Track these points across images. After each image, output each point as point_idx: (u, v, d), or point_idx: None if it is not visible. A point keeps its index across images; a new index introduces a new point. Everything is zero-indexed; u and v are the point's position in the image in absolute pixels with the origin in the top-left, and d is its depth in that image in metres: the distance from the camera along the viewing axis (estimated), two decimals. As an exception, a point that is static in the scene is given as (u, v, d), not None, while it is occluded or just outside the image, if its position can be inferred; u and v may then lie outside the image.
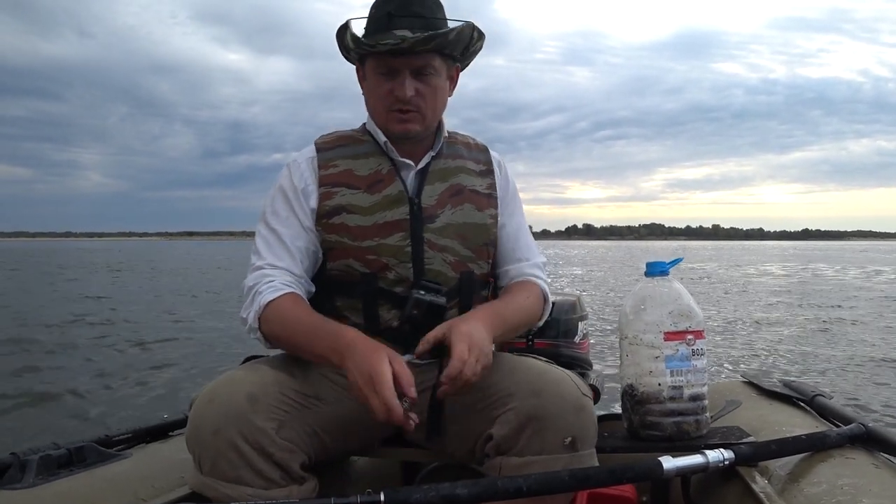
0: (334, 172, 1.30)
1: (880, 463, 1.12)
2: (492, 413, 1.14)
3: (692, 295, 1.36)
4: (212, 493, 1.06)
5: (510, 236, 1.38)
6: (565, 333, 1.73)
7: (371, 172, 1.29)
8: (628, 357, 1.36)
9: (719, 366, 5.95)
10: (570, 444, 1.09)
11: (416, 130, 1.28)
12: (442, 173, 1.33)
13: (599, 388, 1.57)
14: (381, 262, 1.25)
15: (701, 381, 1.33)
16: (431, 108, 1.28)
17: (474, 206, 1.32)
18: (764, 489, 1.08)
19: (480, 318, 1.17)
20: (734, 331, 8.47)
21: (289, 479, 1.09)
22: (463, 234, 1.30)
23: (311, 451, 1.15)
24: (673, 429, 1.30)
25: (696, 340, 1.32)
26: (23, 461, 1.14)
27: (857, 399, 4.74)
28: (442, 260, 1.27)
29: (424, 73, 1.25)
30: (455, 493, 0.93)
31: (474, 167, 1.37)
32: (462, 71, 1.38)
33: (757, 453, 1.12)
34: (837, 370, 6.03)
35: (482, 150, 1.42)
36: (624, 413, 1.38)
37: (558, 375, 1.16)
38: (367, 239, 1.25)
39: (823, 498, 1.00)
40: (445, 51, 1.25)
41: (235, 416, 1.05)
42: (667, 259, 1.38)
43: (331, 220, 1.27)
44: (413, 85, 1.24)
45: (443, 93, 1.30)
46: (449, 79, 1.32)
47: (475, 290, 1.32)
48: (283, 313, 1.20)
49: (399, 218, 1.26)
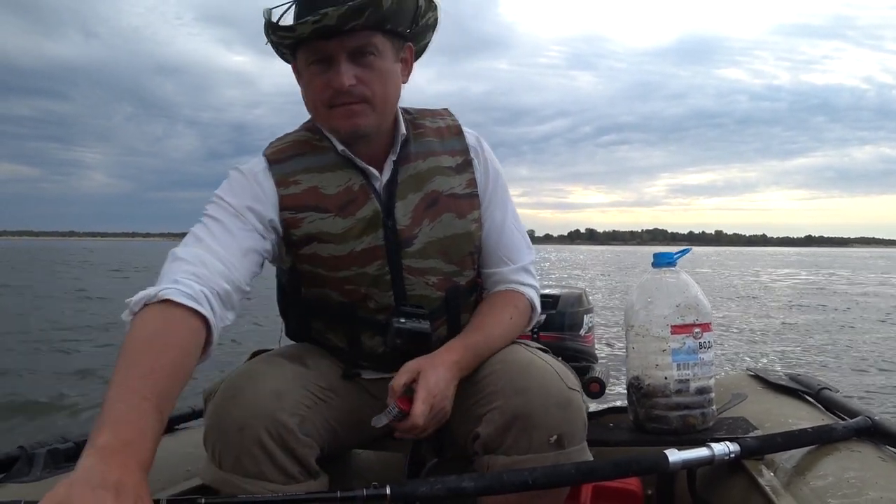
0: (297, 192, 1.13)
1: (886, 456, 1.12)
2: (477, 411, 1.10)
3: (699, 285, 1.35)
4: (231, 490, 1.04)
5: (492, 235, 1.23)
6: (571, 327, 1.73)
7: (340, 190, 1.14)
8: (634, 349, 1.35)
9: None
10: (556, 442, 1.04)
11: (368, 125, 1.10)
12: (414, 181, 1.16)
13: (604, 381, 1.57)
14: (360, 293, 1.17)
15: (707, 375, 1.32)
16: (381, 97, 1.09)
17: (454, 214, 1.17)
18: (770, 482, 1.08)
19: (451, 365, 1.09)
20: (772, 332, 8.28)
21: (307, 474, 1.08)
22: (445, 249, 1.17)
23: (326, 445, 1.14)
24: (679, 422, 1.30)
25: (704, 333, 1.31)
26: (30, 455, 1.15)
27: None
28: (424, 283, 1.17)
29: (364, 54, 1.06)
30: (461, 485, 0.93)
31: (450, 162, 1.19)
32: (419, 53, 1.20)
33: (763, 446, 1.12)
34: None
35: (456, 133, 1.23)
36: (630, 406, 1.38)
37: (543, 370, 1.09)
38: (343, 269, 1.15)
39: (829, 491, 1.00)
40: (387, 25, 1.06)
41: (262, 412, 1.03)
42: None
43: (301, 251, 1.15)
44: (352, 71, 1.06)
45: (392, 77, 1.11)
46: (401, 61, 1.14)
47: (463, 301, 1.23)
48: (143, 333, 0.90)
49: (375, 244, 1.14)
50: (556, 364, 1.13)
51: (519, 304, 1.23)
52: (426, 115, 1.24)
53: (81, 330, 7.94)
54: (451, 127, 1.24)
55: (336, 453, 1.22)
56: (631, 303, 1.37)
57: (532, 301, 1.25)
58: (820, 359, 6.49)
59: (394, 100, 1.14)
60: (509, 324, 1.19)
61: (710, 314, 1.33)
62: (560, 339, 1.69)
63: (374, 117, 1.11)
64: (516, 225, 1.26)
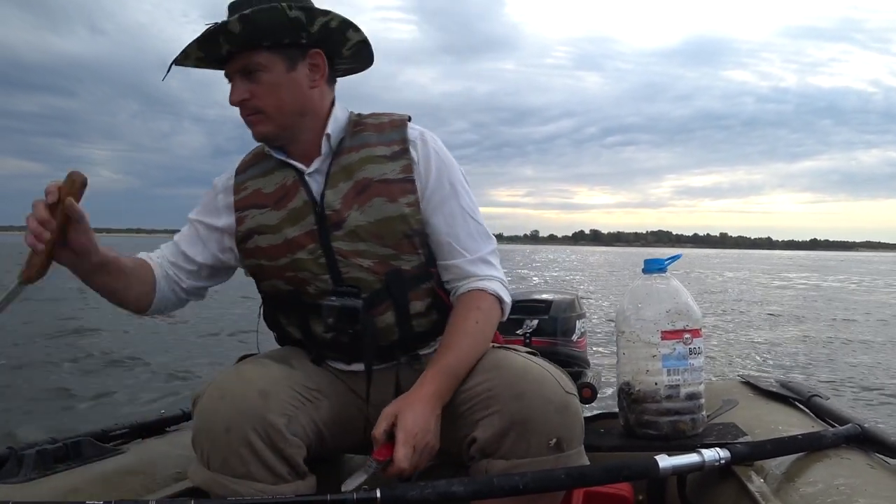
0: (245, 195, 1.27)
1: (876, 463, 1.12)
2: (473, 416, 1.10)
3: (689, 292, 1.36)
4: (220, 490, 1.05)
5: (442, 226, 1.23)
6: (563, 332, 1.73)
7: (277, 187, 1.24)
8: (625, 355, 1.36)
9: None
10: (555, 446, 1.06)
11: (268, 132, 1.21)
12: (345, 171, 1.22)
13: (596, 386, 1.57)
14: (300, 278, 1.23)
15: (697, 380, 1.33)
16: (273, 106, 1.19)
17: (385, 198, 1.20)
18: (760, 489, 1.09)
19: (428, 398, 1.10)
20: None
21: (295, 474, 1.09)
22: (377, 232, 1.20)
23: (314, 446, 1.15)
24: (669, 427, 1.30)
25: (694, 339, 1.32)
26: (19, 455, 1.14)
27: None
28: (359, 266, 1.20)
29: (251, 72, 1.17)
30: (451, 490, 0.93)
31: (384, 151, 1.23)
32: (356, 53, 1.26)
33: (753, 453, 1.12)
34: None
35: (397, 126, 1.26)
36: (620, 411, 1.39)
37: (540, 375, 1.10)
38: (282, 257, 1.22)
39: (819, 498, 1.00)
40: (264, 43, 1.15)
41: (249, 412, 1.04)
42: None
43: (246, 245, 1.26)
44: (242, 88, 1.18)
45: (286, 86, 1.19)
46: (310, 68, 1.20)
47: (409, 287, 1.24)
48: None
49: (306, 230, 1.21)
50: (552, 368, 1.14)
51: (482, 304, 1.21)
52: (375, 116, 1.29)
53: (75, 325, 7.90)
54: (395, 122, 1.27)
55: (324, 455, 1.22)
56: (622, 308, 1.37)
57: (496, 293, 1.23)
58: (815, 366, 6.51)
59: (291, 106, 1.20)
60: (476, 329, 1.18)
61: (700, 320, 1.34)
62: (552, 345, 1.70)
63: (271, 124, 1.21)
64: (471, 215, 1.25)
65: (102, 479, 1.15)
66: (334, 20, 1.18)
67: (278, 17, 1.13)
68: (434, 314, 1.27)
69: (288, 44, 1.17)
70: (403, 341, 1.26)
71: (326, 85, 1.25)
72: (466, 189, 1.27)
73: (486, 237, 1.27)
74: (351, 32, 1.21)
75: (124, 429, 1.41)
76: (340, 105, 1.29)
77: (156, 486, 1.17)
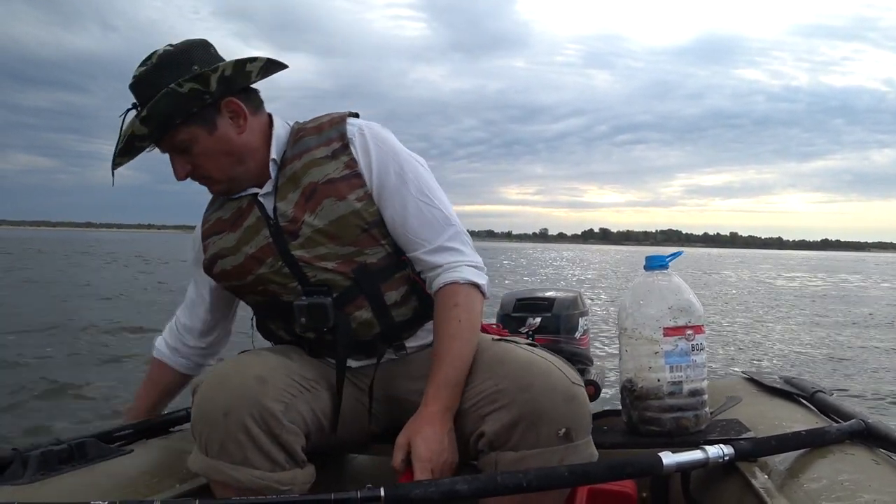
0: (208, 227, 1.32)
1: (880, 459, 1.12)
2: (481, 411, 1.12)
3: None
4: (218, 476, 1.07)
5: (396, 217, 1.23)
6: (567, 329, 1.73)
7: (233, 211, 1.28)
8: (627, 352, 1.35)
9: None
10: (564, 436, 1.07)
11: (222, 188, 1.27)
12: (291, 180, 1.23)
13: (599, 384, 1.57)
14: (271, 290, 1.26)
15: (700, 377, 1.33)
16: (216, 168, 1.23)
17: (334, 197, 1.21)
18: (764, 485, 1.09)
19: (436, 416, 1.12)
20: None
21: (293, 462, 1.10)
22: (333, 233, 1.21)
23: (313, 435, 1.16)
24: (672, 424, 1.30)
25: (696, 335, 1.31)
26: (24, 457, 1.14)
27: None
28: (323, 269, 1.22)
29: (181, 150, 1.21)
30: (455, 488, 0.93)
31: (325, 152, 1.23)
32: (266, 72, 1.25)
33: (757, 449, 1.12)
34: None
35: (336, 124, 1.27)
36: (623, 408, 1.39)
37: (545, 366, 1.11)
38: (248, 275, 1.26)
39: (823, 493, 1.00)
40: (176, 121, 1.17)
41: (246, 397, 1.06)
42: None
43: (213, 271, 1.31)
44: (181, 163, 1.23)
45: (219, 148, 1.21)
46: (230, 117, 1.22)
47: (379, 279, 1.25)
48: (149, 370, 1.54)
49: (262, 245, 1.24)
50: (556, 360, 1.15)
51: (459, 298, 1.20)
52: (316, 120, 1.30)
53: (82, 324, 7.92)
54: (333, 120, 1.28)
55: (328, 449, 1.23)
56: (623, 305, 1.37)
57: (468, 280, 1.22)
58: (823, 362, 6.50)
59: (229, 161, 1.23)
60: (461, 328, 1.18)
61: (702, 316, 1.33)
62: (555, 342, 1.70)
63: (221, 184, 1.26)
64: (425, 202, 1.24)
65: (107, 479, 1.15)
66: (227, 68, 1.19)
67: (175, 100, 1.15)
68: (413, 300, 1.28)
69: (198, 111, 1.19)
70: (386, 333, 1.28)
71: (254, 117, 1.25)
72: (419, 174, 1.25)
73: (445, 222, 1.25)
74: (249, 66, 1.21)
75: (129, 429, 1.41)
76: (280, 121, 1.30)
77: (161, 487, 1.17)
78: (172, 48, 1.19)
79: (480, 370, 1.15)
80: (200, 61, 1.18)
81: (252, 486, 1.05)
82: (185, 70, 1.16)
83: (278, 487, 1.07)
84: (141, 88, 1.18)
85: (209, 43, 1.23)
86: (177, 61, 1.17)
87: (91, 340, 6.99)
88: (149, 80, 1.17)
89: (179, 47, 1.19)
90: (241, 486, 1.06)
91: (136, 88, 1.19)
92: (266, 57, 1.24)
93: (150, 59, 1.18)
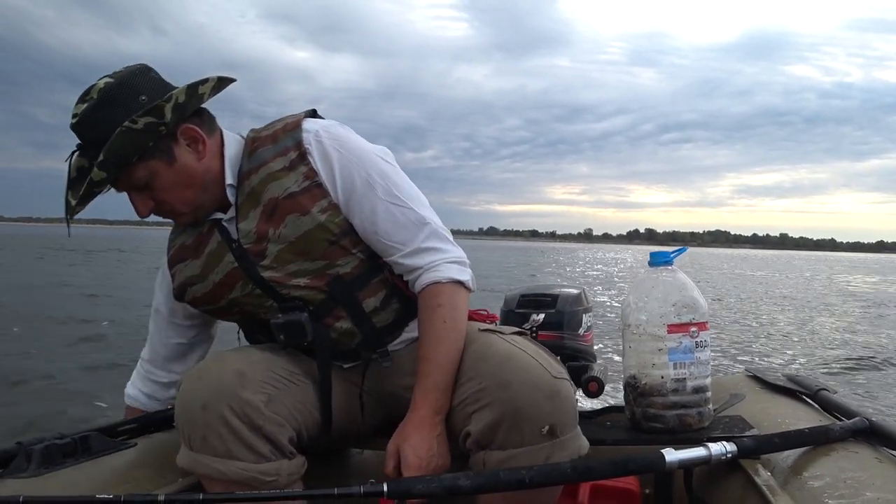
0: (173, 252, 1.29)
1: (883, 457, 1.12)
2: (466, 411, 1.11)
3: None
4: (203, 470, 1.07)
5: (367, 224, 1.19)
6: (570, 326, 1.73)
7: (195, 236, 1.25)
8: (631, 348, 1.35)
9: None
10: (549, 433, 1.05)
11: (187, 220, 1.23)
12: (250, 197, 1.18)
13: (603, 380, 1.57)
14: (247, 311, 1.26)
15: (704, 374, 1.33)
16: (179, 200, 1.18)
17: (297, 213, 1.16)
18: (767, 482, 1.08)
19: (424, 421, 1.12)
20: None
21: (278, 453, 1.10)
22: (301, 250, 1.18)
23: (302, 427, 1.16)
24: (675, 421, 1.30)
25: (700, 332, 1.31)
26: (27, 450, 1.14)
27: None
28: (296, 286, 1.20)
29: (140, 188, 1.16)
30: (457, 483, 0.93)
31: (282, 164, 1.17)
32: (219, 88, 1.18)
33: (760, 446, 1.12)
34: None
35: (290, 130, 1.20)
36: (626, 405, 1.38)
37: (526, 362, 1.07)
38: (220, 300, 1.25)
39: (826, 491, 1.00)
40: (133, 159, 1.11)
41: (224, 390, 1.06)
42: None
43: (185, 298, 1.29)
44: (142, 200, 1.18)
45: (180, 179, 1.16)
46: (189, 142, 1.17)
47: (355, 288, 1.22)
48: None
49: (228, 270, 1.21)
50: (538, 353, 1.12)
51: (441, 298, 1.18)
52: (270, 126, 1.24)
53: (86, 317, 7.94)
54: (288, 126, 1.21)
55: (327, 443, 1.23)
56: (627, 302, 1.37)
57: (451, 278, 1.19)
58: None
59: (193, 190, 1.19)
60: (446, 329, 1.16)
61: (706, 313, 1.33)
62: (559, 339, 1.69)
63: (187, 216, 1.22)
64: (395, 203, 1.19)
65: (111, 473, 1.16)
66: (180, 95, 1.13)
67: (130, 138, 1.09)
68: (394, 303, 1.26)
69: (154, 143, 1.12)
70: (369, 340, 1.26)
71: (210, 139, 1.20)
72: (385, 174, 1.20)
73: (419, 222, 1.20)
74: (202, 88, 1.16)
75: (133, 423, 1.42)
76: (231, 136, 1.24)
77: (165, 481, 1.17)
78: (113, 80, 1.11)
79: (465, 367, 1.14)
80: (147, 89, 1.12)
81: (237, 478, 1.05)
82: (134, 102, 1.10)
83: (263, 479, 1.06)
84: (85, 129, 1.10)
85: (149, 67, 1.18)
86: (123, 95, 1.10)
87: (90, 342, 7.01)
88: (95, 118, 1.09)
89: (120, 78, 1.12)
90: (227, 479, 1.05)
91: (79, 129, 1.11)
92: (217, 76, 1.18)
93: (90, 94, 1.10)
